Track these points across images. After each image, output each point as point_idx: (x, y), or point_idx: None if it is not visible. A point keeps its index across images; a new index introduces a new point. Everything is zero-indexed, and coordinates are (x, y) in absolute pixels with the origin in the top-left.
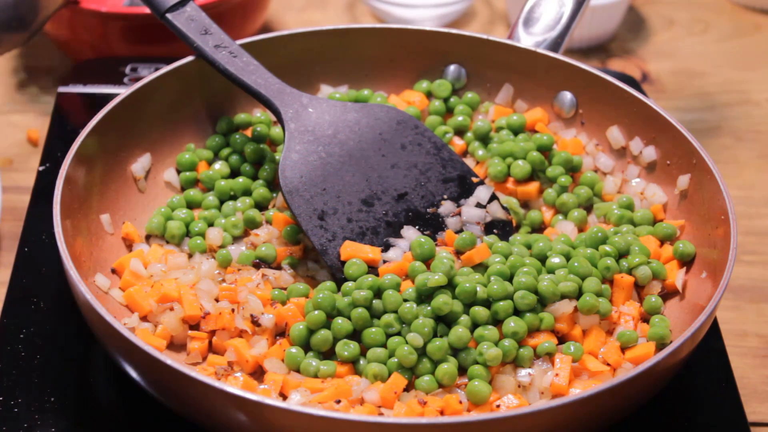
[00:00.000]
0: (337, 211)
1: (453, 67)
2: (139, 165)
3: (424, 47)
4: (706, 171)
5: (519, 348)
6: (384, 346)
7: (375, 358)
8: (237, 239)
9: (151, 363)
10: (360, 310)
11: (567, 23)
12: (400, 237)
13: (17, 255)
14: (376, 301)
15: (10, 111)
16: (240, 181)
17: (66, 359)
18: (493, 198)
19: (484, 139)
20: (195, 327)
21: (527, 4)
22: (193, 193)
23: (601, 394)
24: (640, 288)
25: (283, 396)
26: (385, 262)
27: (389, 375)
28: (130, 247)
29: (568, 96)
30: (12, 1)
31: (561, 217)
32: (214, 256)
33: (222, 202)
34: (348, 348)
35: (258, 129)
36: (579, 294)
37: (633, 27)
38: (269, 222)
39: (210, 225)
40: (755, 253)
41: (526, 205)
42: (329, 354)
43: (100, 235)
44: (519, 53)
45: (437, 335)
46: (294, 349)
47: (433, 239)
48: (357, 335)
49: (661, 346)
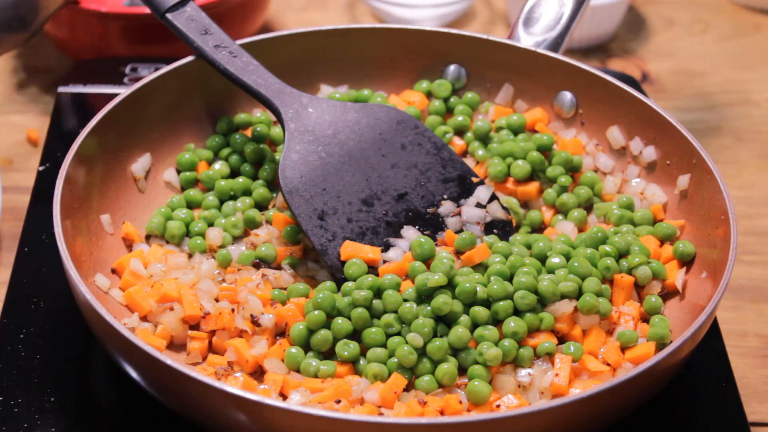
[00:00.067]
0: (337, 211)
1: (453, 67)
2: (139, 165)
3: (424, 47)
4: (706, 171)
5: (519, 348)
6: (384, 346)
7: (375, 358)
8: (237, 239)
9: (151, 363)
10: (360, 310)
11: (567, 23)
12: (400, 237)
13: (17, 255)
14: (376, 301)
15: (9, 111)
16: (240, 181)
17: (66, 359)
18: (493, 198)
19: (484, 139)
20: (195, 327)
21: (527, 4)
22: (193, 193)
23: (601, 394)
24: (640, 288)
25: (283, 396)
26: (385, 262)
27: (389, 375)
28: (130, 247)
29: (568, 96)
30: (12, 1)
31: (561, 217)
32: (214, 256)
33: (222, 202)
34: (348, 348)
35: (258, 129)
36: (579, 294)
37: (633, 27)
38: (269, 222)
39: (210, 225)
40: (755, 253)
41: (526, 205)
42: (329, 354)
43: (100, 235)
44: (519, 53)
45: (437, 335)
46: (294, 349)
47: (433, 239)
48: (357, 335)
49: (661, 346)
